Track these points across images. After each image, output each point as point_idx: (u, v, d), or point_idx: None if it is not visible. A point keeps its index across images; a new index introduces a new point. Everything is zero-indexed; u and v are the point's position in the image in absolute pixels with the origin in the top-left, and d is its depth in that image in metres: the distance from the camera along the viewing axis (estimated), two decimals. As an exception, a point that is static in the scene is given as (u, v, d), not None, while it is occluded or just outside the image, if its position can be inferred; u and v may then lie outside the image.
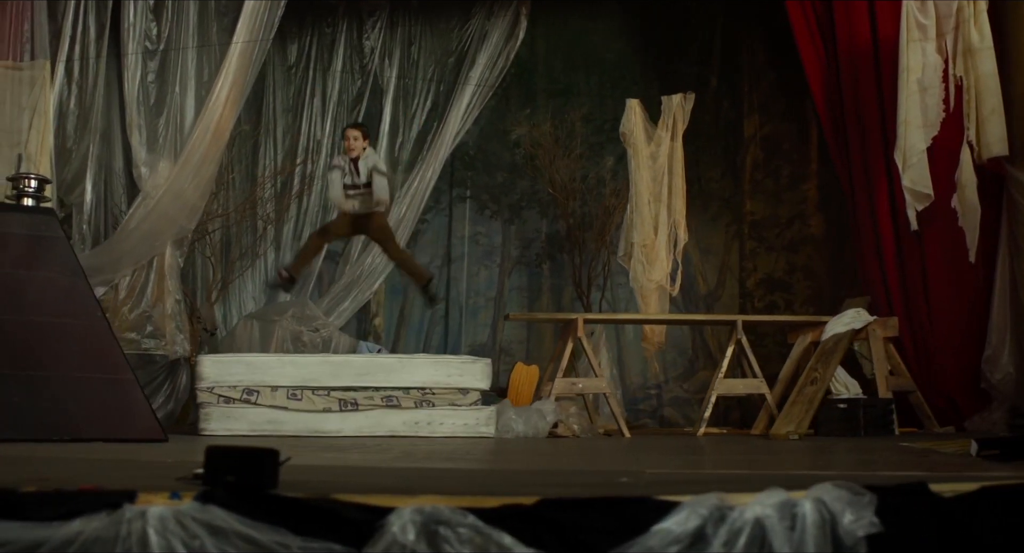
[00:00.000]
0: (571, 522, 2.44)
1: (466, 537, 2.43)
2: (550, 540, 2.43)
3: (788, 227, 10.00)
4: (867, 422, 7.27)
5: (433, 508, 2.45)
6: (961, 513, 3.14)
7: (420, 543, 2.44)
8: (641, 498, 2.46)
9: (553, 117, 10.23)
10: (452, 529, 2.44)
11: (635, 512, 2.43)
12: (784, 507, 2.63)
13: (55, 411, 5.90)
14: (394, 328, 10.49)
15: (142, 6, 9.06)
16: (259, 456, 2.71)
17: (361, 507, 2.50)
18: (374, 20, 10.64)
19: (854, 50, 8.47)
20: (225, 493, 2.58)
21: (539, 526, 2.44)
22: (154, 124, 9.01)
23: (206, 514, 2.58)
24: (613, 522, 2.42)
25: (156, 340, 8.89)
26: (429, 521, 2.45)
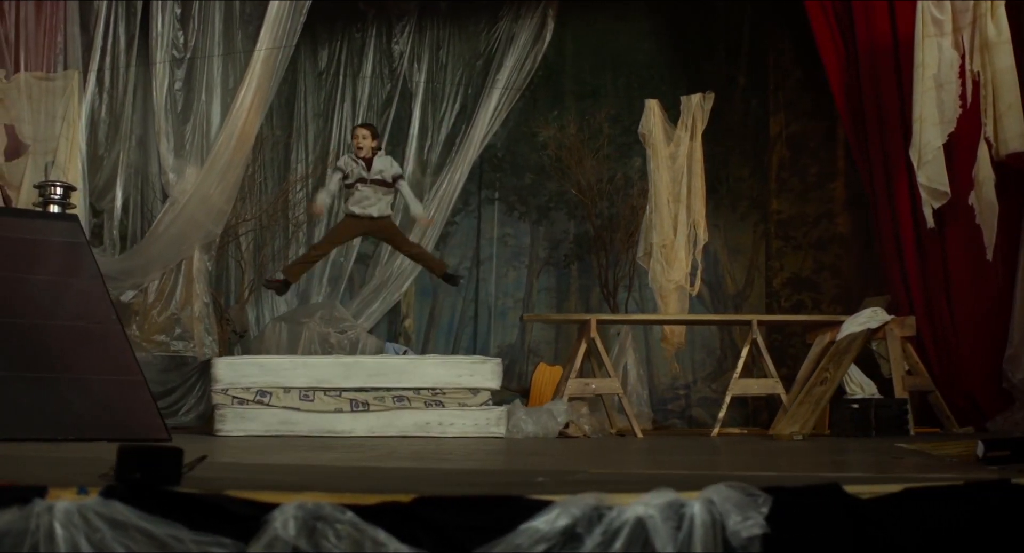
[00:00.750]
0: (445, 520, 2.49)
1: (343, 533, 2.49)
2: (425, 537, 2.48)
3: (815, 226, 9.92)
4: (879, 422, 7.19)
5: (315, 504, 2.51)
6: (879, 515, 3.13)
7: (300, 538, 2.50)
8: (512, 497, 2.50)
9: (580, 118, 10.27)
10: (330, 525, 2.50)
11: (505, 511, 2.47)
12: (671, 507, 2.64)
13: (63, 411, 6.08)
14: (424, 329, 10.60)
15: (170, 16, 9.27)
16: (163, 455, 2.80)
17: (248, 503, 2.57)
18: (403, 25, 10.77)
19: (874, 48, 8.38)
20: (126, 489, 2.67)
21: (415, 523, 2.49)
22: (181, 131, 9.22)
23: (108, 509, 2.67)
24: (484, 520, 2.46)
25: (185, 342, 9.09)
26: (309, 517, 2.51)
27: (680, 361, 10.10)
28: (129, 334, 8.64)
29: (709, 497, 2.72)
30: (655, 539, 2.59)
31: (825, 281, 9.82)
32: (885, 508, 3.17)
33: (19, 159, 8.53)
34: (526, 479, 3.19)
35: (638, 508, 2.61)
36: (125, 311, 8.97)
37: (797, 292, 9.90)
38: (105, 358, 6.59)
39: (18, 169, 8.48)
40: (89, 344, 6.63)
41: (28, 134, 8.56)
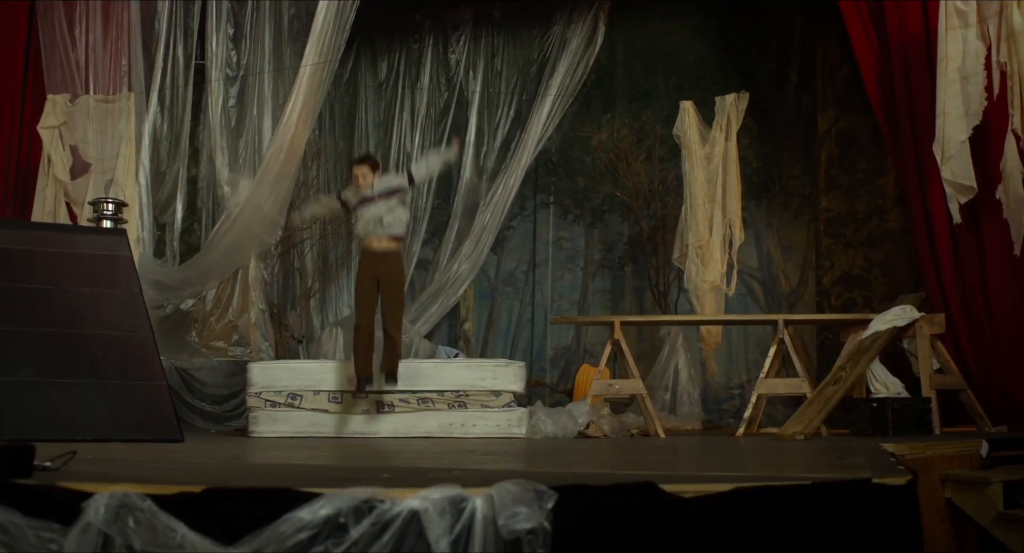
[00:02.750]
0: (227, 509, 2.71)
1: (142, 519, 2.74)
2: (211, 524, 2.71)
3: (865, 223, 9.76)
4: (898, 421, 7.09)
5: (124, 494, 2.76)
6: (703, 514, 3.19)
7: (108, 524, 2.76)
8: (282, 489, 2.70)
9: (632, 120, 10.35)
10: (132, 512, 2.75)
11: (276, 501, 2.68)
12: (450, 502, 2.80)
13: (84, 414, 6.51)
14: (483, 332, 10.83)
15: (223, 35, 9.73)
16: (17, 452, 3.10)
17: (70, 492, 2.84)
18: (459, 34, 11.05)
19: (905, 42, 8.23)
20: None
21: (204, 512, 2.73)
22: (235, 145, 9.67)
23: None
24: (257, 509, 2.67)
25: (242, 348, 9.51)
26: (117, 505, 2.77)
27: (734, 360, 10.12)
28: (189, 340, 9.16)
29: (491, 493, 2.87)
30: (429, 532, 2.75)
31: (876, 278, 9.67)
32: (710, 507, 3.23)
33: (83, 178, 9.08)
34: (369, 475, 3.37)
35: (413, 502, 2.78)
36: (185, 319, 9.47)
37: (848, 290, 9.77)
38: (133, 365, 7.01)
39: (82, 187, 9.04)
40: (119, 352, 7.06)
41: (91, 154, 9.12)
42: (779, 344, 8.10)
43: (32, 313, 7.04)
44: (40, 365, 6.70)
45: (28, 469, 3.09)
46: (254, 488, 2.71)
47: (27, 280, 7.28)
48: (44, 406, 6.46)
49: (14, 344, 6.76)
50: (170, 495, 2.74)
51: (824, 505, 3.38)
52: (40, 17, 9.67)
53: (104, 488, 2.80)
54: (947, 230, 8.05)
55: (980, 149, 7.66)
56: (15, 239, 7.52)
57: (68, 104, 9.17)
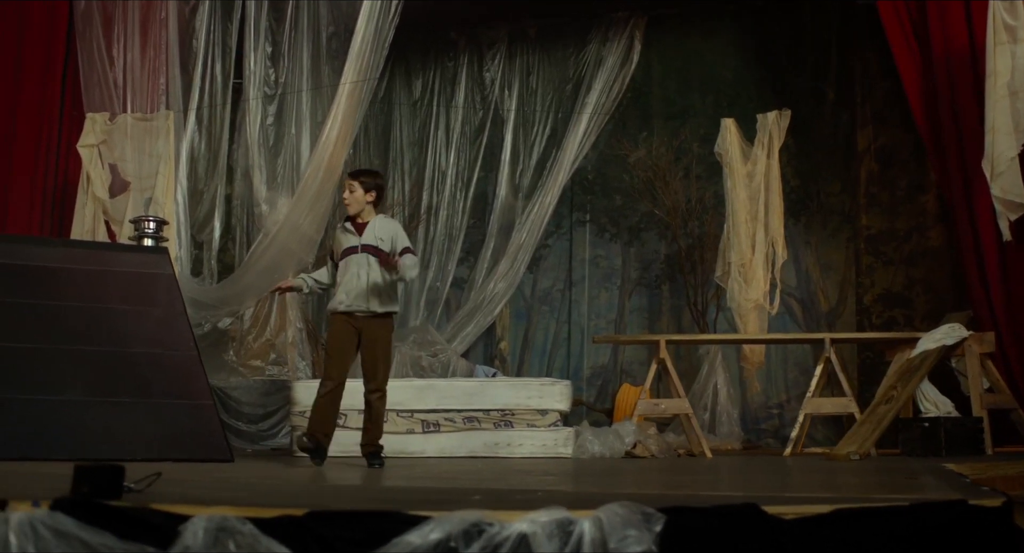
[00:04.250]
0: (331, 533, 2.65)
1: (243, 543, 2.68)
2: (314, 548, 2.65)
3: (906, 240, 9.69)
4: (950, 441, 7.01)
5: (222, 517, 2.70)
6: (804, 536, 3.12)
7: (207, 547, 2.71)
8: (389, 512, 2.64)
9: (669, 139, 10.31)
10: (233, 536, 2.69)
11: (382, 525, 2.61)
12: (558, 525, 2.74)
13: (134, 433, 6.45)
14: (519, 351, 10.76)
15: (261, 54, 9.72)
16: (107, 472, 3.04)
17: (165, 515, 2.78)
18: (493, 52, 11.03)
19: (950, 57, 8.18)
20: (69, 502, 2.92)
21: (306, 535, 2.66)
22: (273, 164, 9.65)
23: (54, 520, 2.92)
24: (363, 533, 2.61)
25: (280, 367, 9.47)
26: (216, 528, 2.71)
27: (772, 380, 10.03)
28: (226, 359, 9.11)
29: (599, 516, 2.80)
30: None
31: (917, 296, 9.59)
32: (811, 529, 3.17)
33: (122, 196, 9.07)
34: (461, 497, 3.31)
35: (522, 525, 2.71)
36: (222, 337, 9.44)
37: (888, 308, 9.69)
38: (179, 383, 6.97)
39: (121, 205, 9.02)
40: (165, 370, 7.02)
41: (130, 172, 9.11)
42: (825, 363, 8.03)
43: (77, 332, 7.01)
44: (88, 384, 6.66)
45: (118, 490, 3.04)
46: (359, 511, 2.65)
47: (70, 298, 7.26)
48: (94, 426, 6.41)
49: (61, 363, 6.72)
50: (271, 518, 2.68)
51: (921, 527, 3.31)
52: (79, 38, 9.68)
53: (201, 510, 2.74)
54: (995, 247, 7.98)
55: (1021, 166, 7.60)
56: (58, 257, 7.51)
57: (107, 122, 9.16)
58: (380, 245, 6.22)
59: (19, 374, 6.53)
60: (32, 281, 7.21)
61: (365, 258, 6.20)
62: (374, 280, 6.17)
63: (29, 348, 6.76)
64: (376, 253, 6.18)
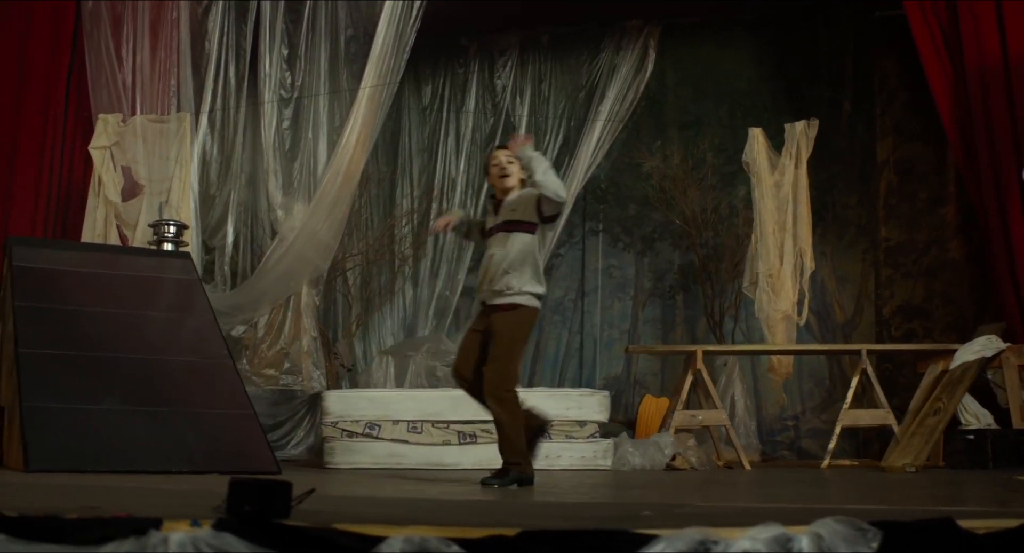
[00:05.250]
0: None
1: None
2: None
3: (926, 252, 9.69)
4: (996, 454, 6.99)
5: (421, 538, 2.52)
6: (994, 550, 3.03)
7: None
8: (618, 531, 2.49)
9: (684, 148, 10.24)
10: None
11: (610, 545, 2.46)
12: (778, 542, 2.61)
13: (176, 445, 6.22)
14: (530, 361, 10.61)
15: (277, 56, 9.50)
16: (273, 488, 2.85)
17: (355, 536, 2.60)
18: (505, 59, 10.90)
19: (983, 66, 8.19)
20: (238, 522, 2.72)
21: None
22: (289, 169, 9.42)
23: (220, 541, 2.72)
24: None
25: (294, 376, 9.24)
26: (416, 550, 2.53)
27: (788, 392, 9.95)
28: (239, 368, 8.85)
29: (817, 532, 2.67)
30: (763, 574, 2.56)
31: (937, 309, 9.59)
32: (1003, 544, 3.08)
33: (134, 199, 8.80)
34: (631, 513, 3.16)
35: (744, 543, 2.58)
36: (235, 345, 9.18)
37: (908, 321, 9.67)
38: (217, 392, 6.74)
39: (134, 209, 8.75)
40: (201, 379, 6.79)
41: (143, 175, 8.84)
42: (861, 375, 7.98)
43: (108, 338, 6.76)
44: (126, 393, 6.41)
45: (287, 507, 2.85)
46: (581, 530, 2.49)
47: (98, 303, 7.01)
48: (135, 436, 6.16)
49: (95, 371, 6.47)
50: (478, 539, 2.51)
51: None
52: (86, 37, 9.41)
53: (394, 531, 2.57)
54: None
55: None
56: (83, 261, 7.26)
57: (120, 124, 8.89)
58: (513, 216, 5.48)
59: (55, 382, 6.27)
60: (60, 286, 6.96)
61: (501, 238, 5.50)
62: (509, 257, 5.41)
63: (62, 355, 6.50)
64: (513, 228, 5.44)
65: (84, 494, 3.88)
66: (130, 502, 3.49)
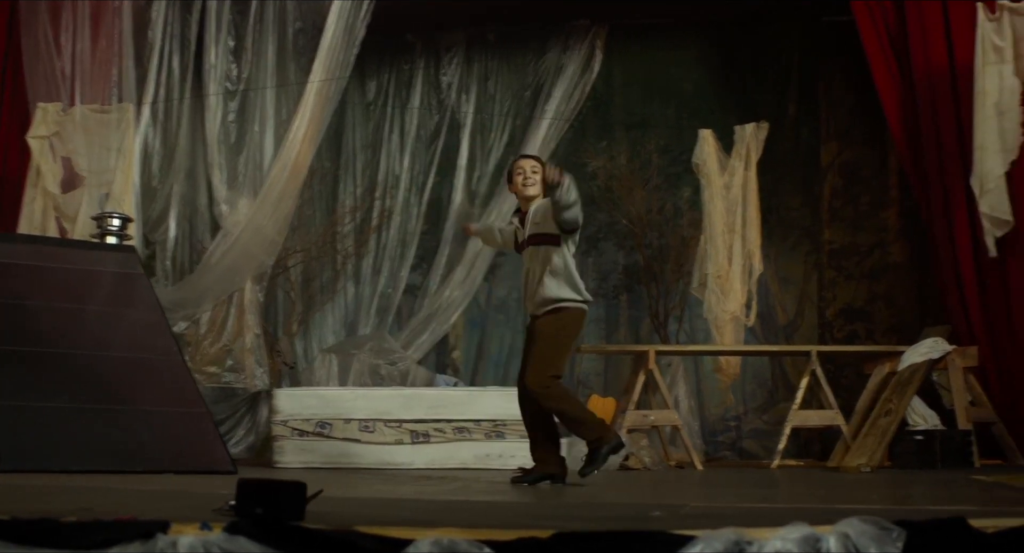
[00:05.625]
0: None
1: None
2: (564, 573, 2.44)
3: (868, 255, 9.84)
4: (944, 454, 7.11)
5: (450, 541, 2.46)
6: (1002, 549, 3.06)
7: (437, 575, 2.46)
8: (654, 532, 2.45)
9: (630, 148, 10.26)
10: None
11: (647, 547, 2.42)
12: (807, 542, 2.59)
13: (130, 443, 6.06)
14: (472, 361, 10.55)
15: (223, 48, 9.32)
16: (286, 489, 2.77)
17: (380, 539, 2.52)
18: (451, 56, 10.81)
19: (931, 74, 8.33)
20: (251, 524, 2.63)
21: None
22: (234, 162, 9.24)
23: (233, 544, 2.63)
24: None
25: (236, 374, 9.06)
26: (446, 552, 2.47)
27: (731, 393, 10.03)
28: (182, 365, 8.65)
29: (844, 531, 2.67)
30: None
31: (879, 311, 9.74)
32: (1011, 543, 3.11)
33: (75, 191, 8.57)
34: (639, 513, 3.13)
35: (776, 543, 2.56)
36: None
37: (850, 322, 9.82)
38: (168, 390, 6.58)
39: (74, 201, 8.51)
40: (152, 376, 6.62)
41: (84, 166, 8.60)
42: (810, 375, 8.06)
43: (56, 334, 6.57)
44: (75, 390, 6.22)
45: (301, 509, 2.76)
46: (621, 532, 2.44)
47: (42, 297, 6.80)
48: (88, 435, 5.99)
49: (44, 367, 6.28)
50: (510, 541, 2.45)
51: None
52: (23, 26, 9.14)
53: (420, 534, 2.50)
54: (972, 263, 8.14)
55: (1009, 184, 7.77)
56: (24, 254, 7.03)
57: (60, 113, 8.64)
58: (539, 230, 5.66)
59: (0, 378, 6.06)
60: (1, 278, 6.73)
61: (532, 252, 5.70)
62: (546, 270, 5.60)
63: (6, 350, 6.29)
64: (540, 240, 5.63)
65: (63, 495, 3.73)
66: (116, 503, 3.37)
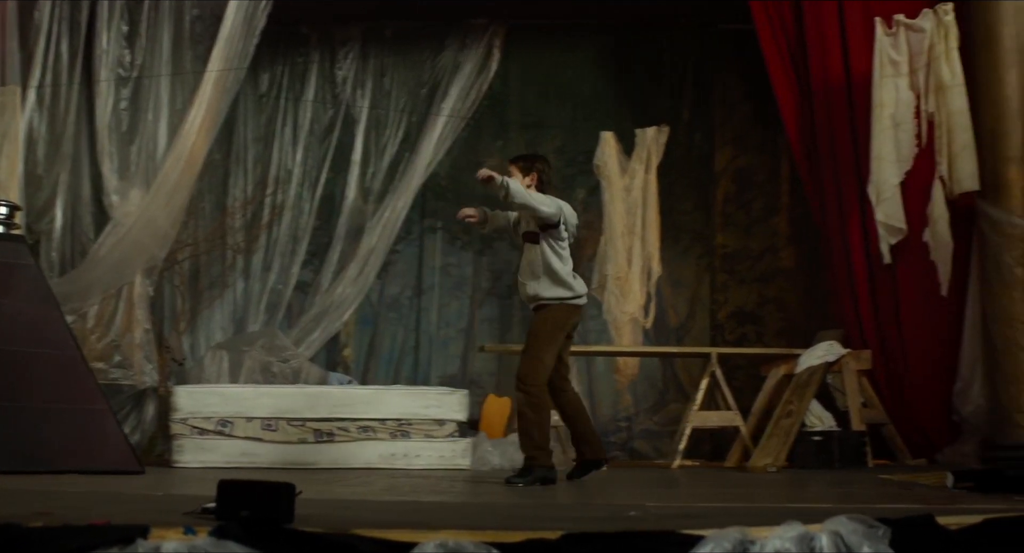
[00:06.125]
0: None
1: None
2: (574, 575, 2.41)
3: (759, 260, 10.07)
4: (841, 454, 7.32)
5: (456, 543, 2.41)
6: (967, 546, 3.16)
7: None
8: (664, 532, 2.45)
9: (526, 148, 10.27)
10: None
11: (657, 546, 2.42)
12: (802, 540, 2.63)
13: (29, 442, 5.80)
14: (363, 359, 10.42)
15: (116, 33, 9.00)
16: (274, 490, 2.68)
17: (382, 542, 2.46)
18: (346, 50, 10.63)
19: (827, 85, 8.56)
20: (241, 528, 2.53)
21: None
22: (126, 152, 8.94)
23: (222, 549, 2.53)
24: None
25: (124, 370, 8.77)
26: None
27: (621, 393, 10.14)
28: (67, 361, 8.31)
29: (835, 530, 2.71)
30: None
31: (769, 314, 9.97)
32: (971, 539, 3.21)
33: (-45, 177, 8.16)
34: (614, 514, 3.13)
35: (776, 541, 2.59)
36: (63, 337, 8.63)
37: (741, 325, 10.03)
38: (68, 386, 6.32)
39: (-48, 188, 8.11)
40: (50, 372, 6.35)
41: (-37, 151, 8.20)
42: (710, 377, 8.20)
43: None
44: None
45: (290, 512, 2.67)
46: (630, 532, 2.43)
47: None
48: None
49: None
50: (517, 543, 2.42)
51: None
52: None
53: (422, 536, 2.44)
54: (864, 269, 8.40)
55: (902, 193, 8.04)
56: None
57: (-61, 95, 8.22)
58: (525, 227, 6.11)
59: None
60: None
61: (528, 249, 6.07)
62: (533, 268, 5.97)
63: None
64: (526, 238, 6.06)
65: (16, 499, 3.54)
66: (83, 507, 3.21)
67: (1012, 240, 7.54)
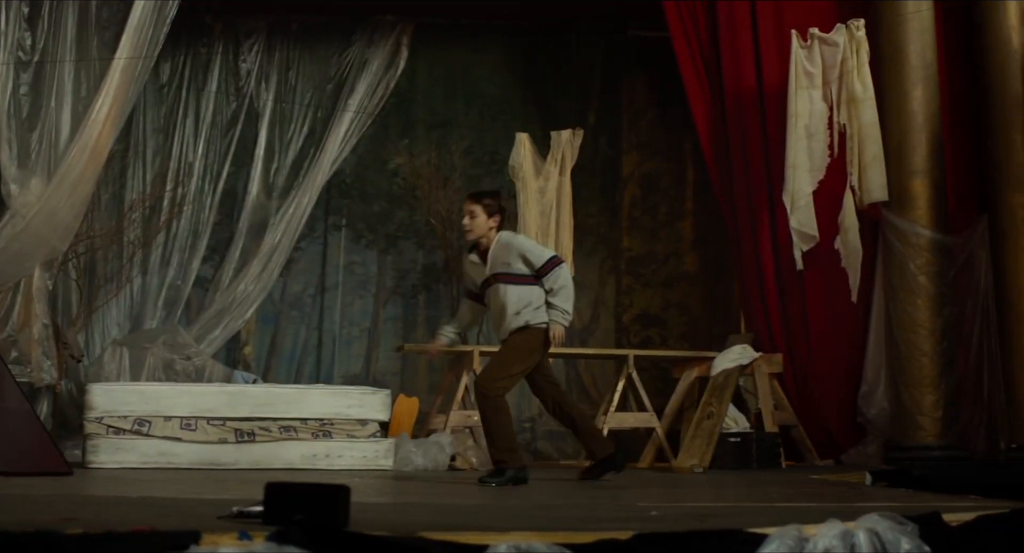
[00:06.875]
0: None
1: (565, 574, 2.40)
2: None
3: (664, 264, 10.26)
4: (758, 455, 7.51)
5: (528, 545, 2.40)
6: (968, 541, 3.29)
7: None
8: (731, 531, 2.49)
9: (432, 148, 10.26)
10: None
11: (726, 546, 2.45)
12: (844, 537, 2.70)
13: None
14: (264, 357, 10.25)
15: (16, 14, 8.63)
16: (329, 492, 2.61)
17: (452, 545, 2.43)
18: (251, 42, 10.44)
19: (740, 94, 8.77)
20: (301, 532, 2.47)
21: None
22: (26, 139, 8.58)
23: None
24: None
25: (21, 366, 8.40)
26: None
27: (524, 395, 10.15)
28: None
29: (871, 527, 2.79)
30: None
31: (673, 318, 10.16)
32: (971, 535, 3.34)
33: None
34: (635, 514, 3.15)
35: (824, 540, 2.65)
36: (-44, 332, 8.26)
37: (645, 328, 10.19)
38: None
39: None
40: (-38, 368, 6.04)
41: None
42: (627, 378, 8.32)
43: None
44: None
45: (346, 515, 2.61)
46: (701, 531, 2.45)
47: None
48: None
49: None
50: (590, 543, 2.42)
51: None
52: None
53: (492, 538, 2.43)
54: (774, 275, 8.64)
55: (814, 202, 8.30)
56: None
57: None
58: (508, 269, 5.88)
59: None
60: None
61: (497, 289, 5.90)
62: (513, 307, 5.83)
63: None
64: (507, 280, 5.86)
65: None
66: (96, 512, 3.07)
67: (917, 249, 7.87)
